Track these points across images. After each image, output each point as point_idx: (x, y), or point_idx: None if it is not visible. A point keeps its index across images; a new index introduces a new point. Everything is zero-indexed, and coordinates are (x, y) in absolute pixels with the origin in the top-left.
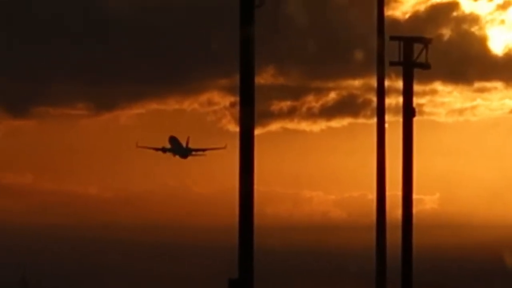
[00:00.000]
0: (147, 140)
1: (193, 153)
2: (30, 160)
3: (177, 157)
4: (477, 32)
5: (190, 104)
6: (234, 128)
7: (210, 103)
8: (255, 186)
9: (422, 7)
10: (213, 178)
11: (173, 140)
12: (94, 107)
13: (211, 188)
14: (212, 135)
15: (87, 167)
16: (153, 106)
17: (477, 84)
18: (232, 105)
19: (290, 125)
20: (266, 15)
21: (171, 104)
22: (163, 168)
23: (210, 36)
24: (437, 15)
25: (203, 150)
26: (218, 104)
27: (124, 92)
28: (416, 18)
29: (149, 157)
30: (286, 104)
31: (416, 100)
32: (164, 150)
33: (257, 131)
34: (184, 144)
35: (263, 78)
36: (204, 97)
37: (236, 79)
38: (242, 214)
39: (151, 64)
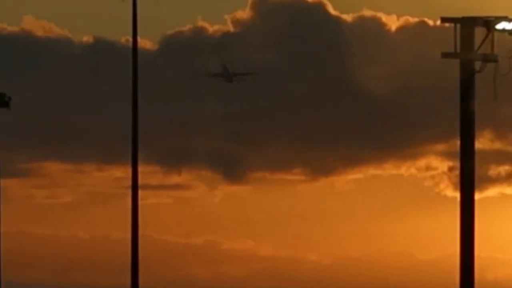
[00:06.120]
0: None
1: (238, 77)
2: (248, 226)
3: (224, 80)
4: None
5: (408, 169)
6: (452, 193)
7: (428, 168)
8: (475, 252)
9: None
10: (431, 244)
11: (224, 67)
12: (311, 172)
13: (430, 254)
14: (429, 200)
15: (305, 233)
16: (370, 171)
17: None
18: (450, 169)
19: (509, 190)
20: (487, 80)
21: (389, 169)
22: (380, 233)
23: (428, 100)
24: None
25: (242, 74)
26: (436, 169)
27: (341, 156)
28: None
29: (365, 223)
30: (504, 169)
31: None
32: (214, 75)
33: (476, 196)
34: (230, 71)
35: (481, 142)
36: (421, 162)
37: (453, 143)
38: (463, 281)
39: (368, 128)
